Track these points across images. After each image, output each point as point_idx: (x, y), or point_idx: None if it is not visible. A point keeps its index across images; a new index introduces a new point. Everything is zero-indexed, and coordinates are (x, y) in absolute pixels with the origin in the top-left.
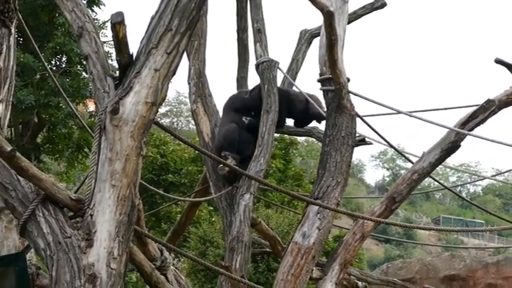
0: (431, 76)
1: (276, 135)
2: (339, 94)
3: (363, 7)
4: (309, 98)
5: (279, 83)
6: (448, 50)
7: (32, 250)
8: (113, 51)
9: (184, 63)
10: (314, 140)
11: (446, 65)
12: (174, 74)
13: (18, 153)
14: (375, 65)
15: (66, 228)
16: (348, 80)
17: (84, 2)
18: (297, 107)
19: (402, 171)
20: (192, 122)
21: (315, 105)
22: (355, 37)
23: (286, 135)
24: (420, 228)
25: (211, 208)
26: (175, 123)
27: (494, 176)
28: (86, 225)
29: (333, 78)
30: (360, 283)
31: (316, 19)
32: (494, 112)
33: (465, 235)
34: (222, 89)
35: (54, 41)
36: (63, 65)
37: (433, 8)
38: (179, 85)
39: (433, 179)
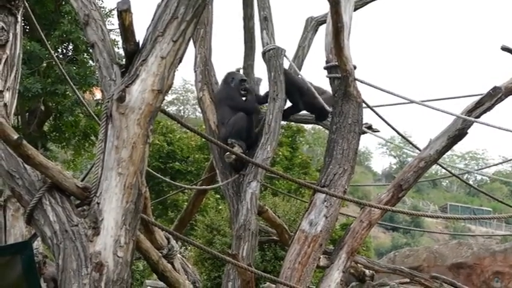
0: (438, 63)
1: (283, 122)
2: (346, 81)
3: None
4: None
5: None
6: (455, 37)
7: (39, 239)
8: (119, 39)
9: (190, 51)
10: (321, 127)
11: (452, 52)
12: (180, 61)
13: (24, 142)
14: (381, 53)
15: (73, 216)
16: (355, 67)
17: None
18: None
19: (409, 159)
20: (199, 109)
21: (320, 99)
22: (361, 24)
23: (293, 123)
24: (427, 216)
25: (218, 196)
26: (182, 111)
27: (500, 163)
28: (93, 213)
29: (339, 66)
30: (367, 271)
31: (322, 6)
32: (501, 99)
33: (472, 223)
34: None
35: (60, 29)
36: (70, 53)
37: None
38: (186, 73)
39: (441, 165)
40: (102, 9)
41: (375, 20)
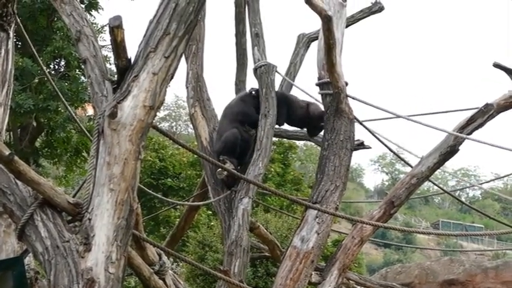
0: (429, 80)
1: (274, 139)
2: (337, 98)
3: (361, 11)
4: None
5: (276, 87)
6: (446, 54)
7: (31, 254)
8: (111, 55)
9: (182, 67)
10: (313, 144)
11: (444, 69)
12: (172, 77)
13: (16, 158)
14: (373, 69)
15: (65, 232)
16: (346, 83)
17: (83, 6)
18: (297, 113)
19: (401, 176)
20: (191, 126)
21: (317, 104)
22: (353, 41)
23: (285, 139)
24: (419, 233)
25: (210, 212)
26: (174, 127)
27: (492, 180)
28: (84, 229)
29: (331, 82)
30: None
31: (314, 23)
32: (492, 116)
33: (464, 239)
34: (220, 93)
35: (52, 45)
36: (62, 69)
37: (431, 11)
38: (178, 89)
39: (433, 182)
40: (94, 25)
41: (367, 36)
